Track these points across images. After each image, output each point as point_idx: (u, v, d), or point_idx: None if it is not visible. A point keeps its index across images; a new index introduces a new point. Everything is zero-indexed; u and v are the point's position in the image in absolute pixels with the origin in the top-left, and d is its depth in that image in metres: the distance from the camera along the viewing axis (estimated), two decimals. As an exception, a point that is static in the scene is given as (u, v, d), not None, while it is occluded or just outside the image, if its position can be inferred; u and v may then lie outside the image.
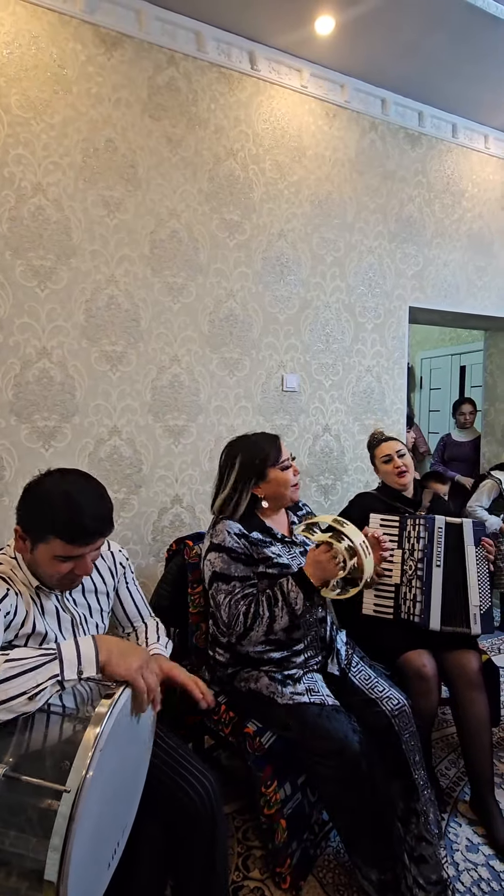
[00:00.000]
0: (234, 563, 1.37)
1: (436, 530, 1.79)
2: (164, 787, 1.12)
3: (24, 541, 1.05)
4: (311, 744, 1.28)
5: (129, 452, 2.06)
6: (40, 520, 1.01)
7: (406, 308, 2.66)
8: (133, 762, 0.98)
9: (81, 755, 0.78)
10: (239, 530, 1.41)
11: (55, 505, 1.01)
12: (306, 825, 1.44)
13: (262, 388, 2.32)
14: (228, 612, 1.34)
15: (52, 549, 1.02)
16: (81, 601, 1.21)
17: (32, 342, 1.87)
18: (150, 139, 2.03)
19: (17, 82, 1.81)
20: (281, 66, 2.26)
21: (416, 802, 1.36)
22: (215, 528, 1.43)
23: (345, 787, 1.26)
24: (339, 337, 2.50)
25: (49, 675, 0.82)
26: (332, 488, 2.54)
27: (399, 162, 2.61)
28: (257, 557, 1.41)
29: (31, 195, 1.85)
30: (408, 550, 1.81)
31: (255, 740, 1.37)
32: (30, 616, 1.07)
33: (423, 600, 1.73)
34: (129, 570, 1.36)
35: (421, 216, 2.69)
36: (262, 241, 2.28)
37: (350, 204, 2.48)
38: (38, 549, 1.03)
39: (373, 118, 2.52)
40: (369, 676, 1.52)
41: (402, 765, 1.38)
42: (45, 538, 1.01)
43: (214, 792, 1.14)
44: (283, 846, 1.36)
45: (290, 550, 1.49)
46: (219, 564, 1.37)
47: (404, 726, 1.41)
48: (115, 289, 2.00)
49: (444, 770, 1.87)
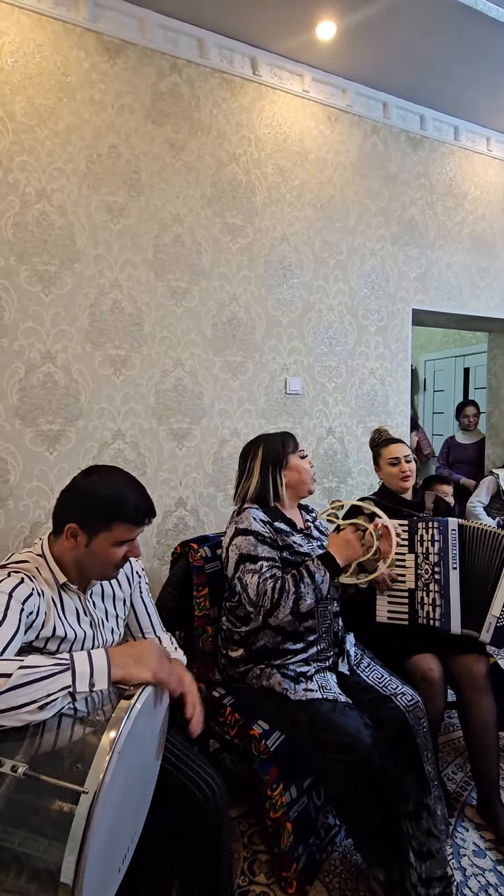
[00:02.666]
0: (260, 545, 1.40)
1: (450, 532, 1.78)
2: (171, 787, 1.12)
3: (76, 538, 1.08)
4: (322, 738, 1.28)
5: (133, 456, 2.07)
6: (103, 510, 1.07)
7: (409, 310, 2.66)
8: (146, 766, 0.98)
9: (100, 757, 0.78)
10: (263, 517, 1.45)
11: (115, 495, 1.08)
12: (312, 829, 1.43)
13: (266, 391, 2.32)
14: (257, 589, 1.35)
15: (114, 536, 1.08)
16: (100, 605, 1.22)
17: (37, 346, 1.89)
18: (153, 145, 2.05)
19: (22, 90, 1.83)
20: (283, 71, 2.27)
21: (428, 797, 1.36)
22: (240, 516, 1.46)
23: (354, 784, 1.26)
24: (343, 340, 2.50)
25: (61, 686, 0.82)
26: (335, 491, 2.53)
27: (401, 165, 2.62)
28: (281, 544, 1.45)
29: (35, 201, 1.86)
30: (421, 554, 1.80)
31: (261, 742, 1.37)
32: (50, 618, 1.08)
33: (442, 604, 1.72)
34: (144, 579, 1.37)
35: (423, 219, 2.69)
36: (264, 244, 2.29)
37: (352, 207, 2.49)
38: (96, 539, 1.08)
39: (374, 122, 2.53)
40: (382, 675, 1.54)
41: (416, 759, 1.39)
42: (108, 526, 1.07)
43: (221, 792, 1.14)
44: (288, 850, 1.35)
45: (309, 542, 1.54)
46: (245, 547, 1.40)
47: (418, 721, 1.43)
48: (118, 293, 2.01)
49: (451, 774, 1.86)
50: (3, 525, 1.85)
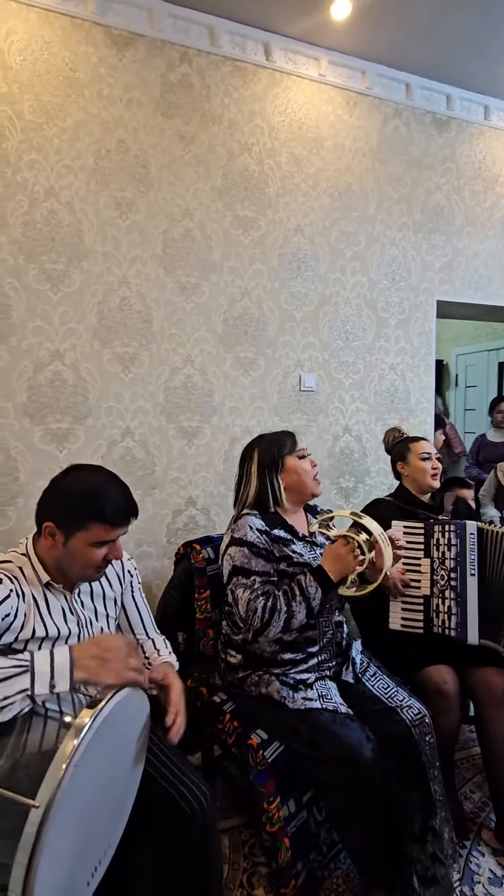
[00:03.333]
0: (254, 557, 1.34)
1: (467, 537, 1.67)
2: (157, 797, 1.09)
3: (53, 537, 1.06)
4: (321, 750, 1.22)
5: (142, 454, 2.05)
6: (78, 510, 1.04)
7: (433, 302, 2.53)
8: (120, 775, 0.95)
9: (54, 769, 0.75)
10: (261, 526, 1.38)
11: (92, 494, 1.05)
12: (313, 845, 1.37)
13: (279, 388, 2.26)
14: (246, 607, 1.30)
15: (90, 537, 1.05)
16: (89, 604, 1.20)
17: (45, 345, 1.89)
18: (162, 138, 2.01)
19: (31, 88, 1.83)
20: (297, 55, 2.19)
21: (434, 819, 1.28)
22: (237, 523, 1.40)
23: (355, 800, 1.20)
24: (360, 334, 2.40)
25: (18, 689, 0.80)
26: (353, 491, 2.44)
27: (425, 149, 2.48)
28: (278, 555, 1.37)
29: (43, 199, 1.86)
30: (437, 559, 1.71)
31: (259, 753, 1.32)
32: (30, 619, 1.07)
33: (458, 612, 1.62)
34: (137, 579, 1.35)
35: (449, 204, 2.55)
36: (277, 236, 2.22)
37: (372, 195, 2.38)
38: (73, 539, 1.05)
39: (396, 104, 2.41)
40: (388, 685, 1.46)
41: (421, 777, 1.31)
42: (84, 526, 1.04)
43: (209, 805, 1.10)
44: (286, 866, 1.30)
45: (312, 550, 1.45)
46: (239, 558, 1.34)
47: (424, 736, 1.35)
48: (126, 290, 1.99)
49: (469, 793, 1.76)
50: (14, 523, 1.87)
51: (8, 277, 1.83)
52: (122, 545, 2.01)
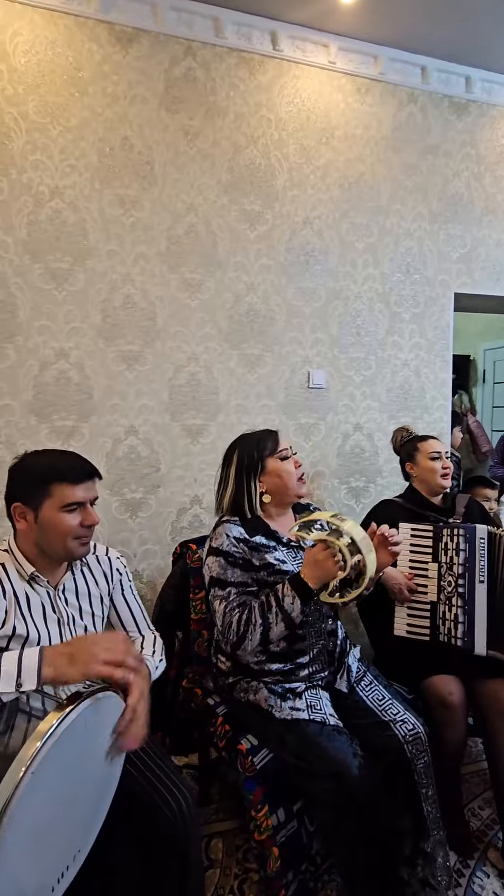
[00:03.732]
0: (230, 567, 1.30)
1: (477, 541, 1.59)
2: (138, 800, 1.08)
3: (24, 516, 1.08)
4: (307, 762, 1.18)
5: (147, 452, 2.05)
6: (36, 480, 1.08)
7: (450, 295, 2.43)
8: (91, 782, 0.93)
9: (11, 775, 0.75)
10: (240, 534, 1.33)
11: (46, 463, 1.11)
12: (305, 856, 1.33)
13: (286, 386, 2.21)
14: (223, 619, 1.27)
15: (57, 500, 1.07)
16: (73, 602, 1.20)
17: (51, 344, 1.91)
18: (166, 133, 2.00)
19: (35, 89, 1.85)
20: (306, 43, 2.13)
21: (426, 841, 1.22)
22: (215, 531, 1.37)
23: (341, 816, 1.16)
24: (372, 329, 2.32)
25: None
26: (364, 491, 2.38)
27: (443, 134, 2.38)
28: (258, 564, 1.32)
29: (48, 199, 1.88)
30: (445, 564, 1.63)
31: (248, 759, 1.29)
32: (10, 617, 1.07)
33: (465, 621, 1.55)
34: (127, 577, 1.34)
35: (469, 192, 2.43)
36: (285, 230, 2.17)
37: (384, 185, 2.30)
38: (42, 510, 1.07)
39: (411, 89, 2.31)
40: (383, 697, 1.40)
41: (413, 797, 1.25)
42: (47, 492, 1.07)
43: (190, 809, 1.08)
44: (275, 875, 1.26)
45: (297, 556, 1.39)
46: (216, 569, 1.31)
47: (418, 754, 1.28)
48: (130, 288, 1.99)
49: (477, 809, 1.68)
50: (20, 518, 1.90)
51: (14, 277, 1.86)
52: (125, 544, 2.02)
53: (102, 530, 1.99)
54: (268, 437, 1.45)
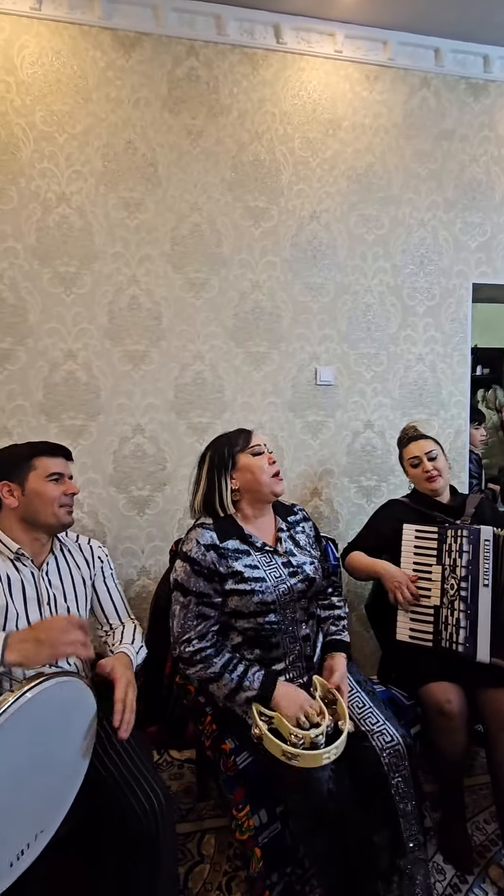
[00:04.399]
0: (194, 576, 1.27)
1: (481, 543, 1.53)
2: (112, 796, 1.09)
3: (12, 493, 1.20)
4: (276, 773, 1.17)
5: (153, 450, 2.08)
6: (19, 457, 1.23)
7: (468, 286, 2.32)
8: (55, 764, 0.96)
9: None
10: (210, 539, 1.29)
11: (23, 444, 1.28)
12: (289, 858, 1.31)
13: (293, 383, 2.19)
14: (181, 625, 1.27)
15: (42, 471, 1.22)
16: (56, 583, 1.25)
17: (59, 345, 1.97)
18: (169, 135, 2.02)
19: (42, 99, 1.91)
20: (310, 33, 2.09)
21: (402, 858, 1.17)
22: (188, 535, 1.34)
23: (314, 826, 1.13)
24: (383, 324, 2.26)
25: None
26: (375, 490, 2.32)
27: (459, 118, 2.28)
28: (224, 572, 1.27)
29: (55, 205, 1.94)
30: (448, 567, 1.57)
31: (230, 759, 1.29)
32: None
33: (467, 626, 1.48)
34: (108, 565, 1.40)
35: (488, 178, 2.32)
36: (291, 226, 2.14)
37: (395, 174, 2.23)
38: (28, 482, 1.20)
39: (424, 73, 2.23)
40: (363, 704, 1.33)
41: (390, 813, 1.20)
42: (32, 466, 1.22)
43: (163, 809, 1.08)
44: (258, 876, 1.25)
45: (271, 561, 1.33)
46: (181, 574, 1.30)
47: (395, 768, 1.22)
48: (136, 289, 2.02)
49: (482, 823, 1.61)
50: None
51: (24, 282, 1.93)
52: (133, 540, 2.11)
53: (111, 527, 2.05)
54: (240, 434, 1.42)
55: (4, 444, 1.53)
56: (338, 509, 2.27)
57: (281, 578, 1.31)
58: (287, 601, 1.29)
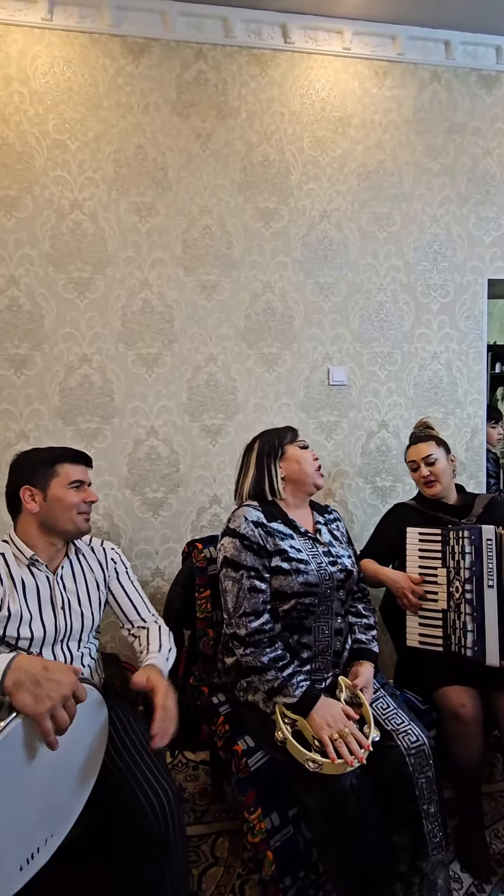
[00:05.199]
0: (244, 551, 1.31)
1: (484, 543, 1.50)
2: (123, 797, 1.09)
3: (34, 498, 1.21)
4: (297, 769, 1.16)
5: (167, 452, 2.09)
6: (44, 461, 1.24)
7: (483, 282, 2.28)
8: (68, 769, 0.96)
9: None
10: (257, 518, 1.34)
11: (46, 450, 1.29)
12: (303, 863, 1.30)
13: (306, 384, 2.18)
14: (235, 601, 1.29)
15: (64, 478, 1.23)
16: (71, 587, 1.26)
17: (74, 350, 2.00)
18: (178, 138, 2.03)
19: (55, 108, 1.94)
20: (318, 32, 2.08)
21: (424, 861, 1.16)
22: (234, 514, 1.39)
23: (332, 827, 1.13)
24: (397, 322, 2.23)
25: None
26: (391, 491, 2.29)
27: (471, 111, 2.24)
28: (272, 549, 1.32)
29: (69, 212, 1.97)
30: (452, 569, 1.55)
31: (242, 760, 1.29)
32: (5, 601, 1.14)
33: (474, 629, 1.46)
34: (123, 564, 1.40)
35: (502, 170, 2.28)
36: (301, 226, 2.13)
37: (407, 170, 2.20)
38: (51, 488, 1.21)
39: (434, 67, 2.20)
40: (387, 706, 1.34)
41: (413, 814, 1.19)
42: (55, 472, 1.23)
43: (172, 807, 1.08)
44: (271, 880, 1.25)
45: (313, 547, 1.38)
46: (230, 550, 1.33)
47: (420, 769, 1.22)
48: (148, 292, 2.04)
49: (501, 831, 1.57)
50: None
51: (40, 288, 1.96)
52: (148, 542, 2.14)
53: (126, 529, 2.07)
54: (288, 429, 1.52)
55: (22, 448, 1.54)
56: (353, 510, 2.25)
57: (322, 565, 1.35)
58: (327, 588, 1.32)
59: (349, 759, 1.08)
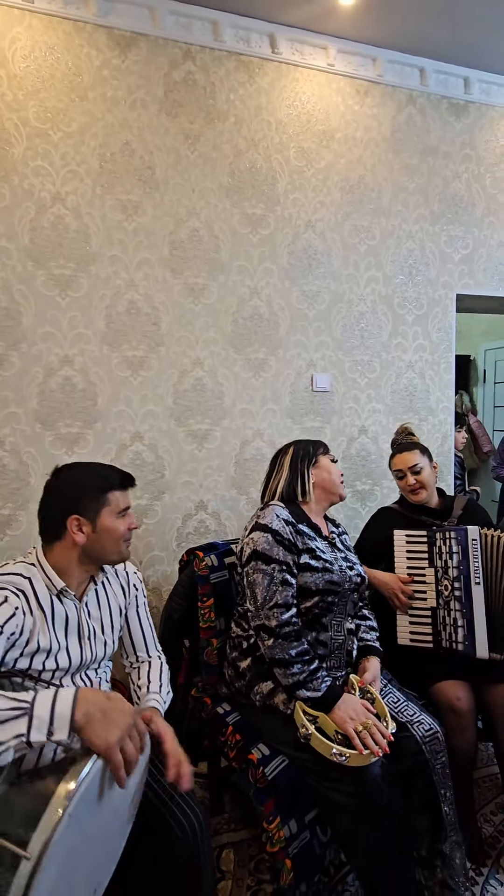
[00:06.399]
0: (277, 545, 1.34)
1: (469, 543, 1.59)
2: (150, 821, 1.06)
3: (82, 528, 1.10)
4: (325, 765, 1.17)
5: (152, 458, 2.03)
6: (94, 489, 1.12)
7: (452, 296, 2.42)
8: (116, 820, 0.91)
9: (48, 817, 0.71)
10: (287, 517, 1.38)
11: (93, 474, 1.15)
12: (318, 867, 1.31)
13: (291, 389, 2.21)
14: (266, 593, 1.30)
15: (114, 507, 1.13)
16: (95, 614, 1.19)
17: (55, 350, 1.89)
18: (166, 138, 1.99)
19: (35, 94, 1.84)
20: (304, 45, 2.13)
21: (444, 843, 1.22)
22: (263, 511, 1.41)
23: (361, 821, 1.15)
24: (376, 332, 2.32)
25: (14, 734, 0.75)
26: (369, 494, 2.37)
27: (442, 136, 2.38)
28: (301, 547, 1.37)
29: (50, 205, 1.87)
30: (440, 568, 1.63)
31: (258, 770, 1.28)
32: (35, 633, 1.05)
33: (465, 625, 1.54)
34: (142, 594, 1.33)
35: (469, 193, 2.43)
36: (287, 233, 2.16)
37: (385, 187, 2.30)
38: (101, 517, 1.11)
39: (410, 91, 2.31)
40: (398, 699, 1.42)
41: (432, 799, 1.25)
42: (105, 500, 1.12)
43: (201, 828, 1.06)
44: (288, 888, 1.25)
45: (333, 551, 1.45)
46: (261, 543, 1.34)
47: (435, 755, 1.29)
48: (134, 293, 1.98)
49: (489, 815, 1.67)
50: (26, 528, 1.89)
51: (18, 284, 1.84)
52: (132, 551, 2.04)
53: (108, 538, 1.98)
54: (320, 442, 1.60)
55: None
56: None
57: (342, 567, 1.41)
58: (347, 589, 1.38)
59: (375, 749, 1.12)
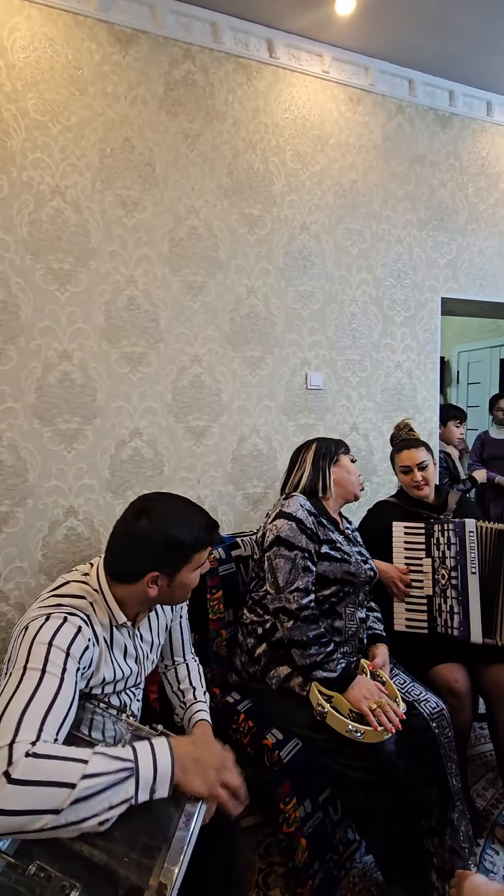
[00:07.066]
0: (300, 533, 1.39)
1: (467, 535, 1.68)
2: None
3: (157, 582, 1.04)
4: (342, 743, 1.22)
5: (151, 454, 2.04)
6: (180, 549, 1.04)
7: (438, 299, 2.53)
8: None
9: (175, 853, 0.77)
10: (310, 507, 1.44)
11: (184, 529, 1.04)
12: (329, 845, 1.37)
13: (286, 387, 2.25)
14: (288, 576, 1.35)
15: (195, 564, 1.07)
16: (147, 636, 1.18)
17: (53, 345, 1.88)
18: (166, 136, 2.00)
19: (34, 86, 1.82)
20: (301, 51, 2.18)
21: (452, 812, 1.29)
22: (287, 500, 1.46)
23: (376, 795, 1.21)
24: (367, 332, 2.40)
25: (123, 799, 0.76)
26: (360, 489, 2.44)
27: (429, 145, 2.48)
28: (322, 538, 1.43)
29: (49, 198, 1.85)
30: (438, 559, 1.71)
31: (274, 753, 1.32)
32: (100, 664, 1.05)
33: (460, 611, 1.63)
34: (185, 606, 1.33)
35: (453, 202, 2.55)
36: (283, 234, 2.21)
37: (376, 192, 2.38)
38: (180, 575, 1.06)
39: (399, 101, 2.40)
40: (405, 681, 1.51)
41: (440, 771, 1.32)
42: (188, 559, 1.05)
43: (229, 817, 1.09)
44: (303, 866, 1.30)
45: (350, 545, 1.51)
46: (285, 531, 1.39)
47: (442, 730, 1.38)
48: (134, 289, 1.98)
49: (481, 790, 1.76)
50: (24, 524, 1.86)
51: (15, 278, 1.82)
52: None
53: (106, 534, 1.97)
54: (342, 441, 1.64)
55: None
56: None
57: (358, 560, 1.48)
58: (361, 580, 1.45)
59: (389, 725, 1.18)
